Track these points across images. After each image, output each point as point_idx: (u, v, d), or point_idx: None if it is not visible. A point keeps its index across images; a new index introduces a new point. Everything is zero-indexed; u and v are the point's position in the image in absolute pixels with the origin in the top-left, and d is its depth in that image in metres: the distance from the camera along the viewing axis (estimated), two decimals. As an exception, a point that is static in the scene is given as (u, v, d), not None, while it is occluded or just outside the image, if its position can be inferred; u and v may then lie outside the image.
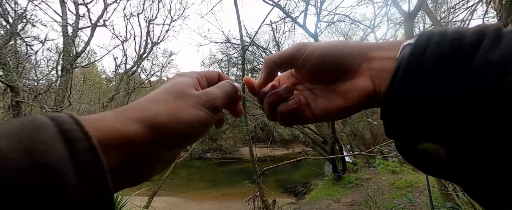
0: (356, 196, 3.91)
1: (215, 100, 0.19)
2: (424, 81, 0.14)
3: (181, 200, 5.09)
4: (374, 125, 5.54)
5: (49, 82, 4.01)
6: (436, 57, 0.14)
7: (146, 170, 0.17)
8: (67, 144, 0.11)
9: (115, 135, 0.13)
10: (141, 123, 0.15)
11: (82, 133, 0.11)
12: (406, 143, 0.17)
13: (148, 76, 6.69)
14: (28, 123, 0.11)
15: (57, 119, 0.11)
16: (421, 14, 4.03)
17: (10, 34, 2.54)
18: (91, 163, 0.11)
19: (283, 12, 4.07)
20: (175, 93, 0.18)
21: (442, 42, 0.14)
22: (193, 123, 0.17)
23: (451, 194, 1.38)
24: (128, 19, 4.76)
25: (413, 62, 0.15)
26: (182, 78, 0.20)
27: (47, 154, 0.10)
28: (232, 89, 0.21)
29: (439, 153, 0.15)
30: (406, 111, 0.15)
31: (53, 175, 0.10)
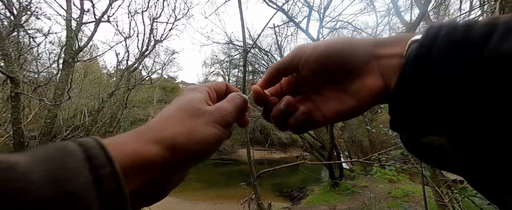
0: (352, 203, 3.88)
1: (227, 117, 0.19)
2: (432, 69, 0.14)
3: (177, 199, 5.04)
4: (373, 133, 5.53)
5: (49, 75, 4.01)
6: (445, 48, 0.14)
7: (162, 190, 0.18)
8: (92, 171, 0.11)
9: (137, 158, 0.14)
10: (160, 145, 0.15)
11: (106, 159, 0.12)
12: (411, 136, 0.17)
13: (149, 73, 6.69)
14: (59, 150, 0.12)
15: (84, 145, 0.12)
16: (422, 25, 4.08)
17: (13, 26, 2.55)
18: (113, 190, 0.12)
19: (286, 16, 4.10)
20: (190, 112, 0.18)
21: (451, 33, 0.14)
22: (209, 141, 0.17)
23: (447, 205, 1.37)
24: (132, 16, 4.79)
25: (422, 54, 0.14)
26: (193, 93, 0.20)
27: (73, 183, 0.11)
28: (242, 103, 0.22)
29: (444, 146, 0.15)
30: (414, 102, 0.15)
31: (77, 203, 0.11)
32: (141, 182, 0.14)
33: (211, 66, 9.38)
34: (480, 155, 0.14)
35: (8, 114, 2.57)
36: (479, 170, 0.14)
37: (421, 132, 0.16)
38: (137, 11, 4.84)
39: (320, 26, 4.45)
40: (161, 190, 0.18)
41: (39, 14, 2.98)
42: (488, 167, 0.14)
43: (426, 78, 0.14)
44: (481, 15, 2.60)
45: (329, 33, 5.58)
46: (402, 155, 1.88)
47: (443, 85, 0.13)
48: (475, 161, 0.14)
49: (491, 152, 0.13)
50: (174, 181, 0.19)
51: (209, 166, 8.80)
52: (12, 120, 2.09)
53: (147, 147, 0.15)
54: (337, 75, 0.19)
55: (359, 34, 5.47)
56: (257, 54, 7.10)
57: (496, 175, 0.13)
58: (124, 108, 5.40)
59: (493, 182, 0.14)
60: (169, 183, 0.18)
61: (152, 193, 0.16)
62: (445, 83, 0.13)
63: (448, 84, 0.13)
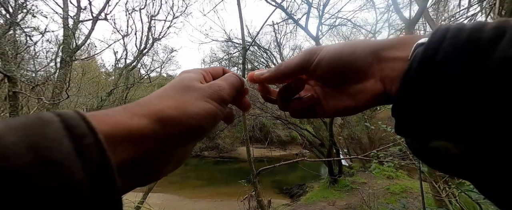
0: (351, 200, 3.92)
1: (221, 92, 0.19)
2: (438, 72, 0.13)
3: (176, 197, 5.06)
4: (372, 130, 5.55)
5: (47, 74, 3.98)
6: (451, 51, 0.13)
7: (157, 169, 0.17)
8: (73, 140, 0.11)
9: (123, 129, 0.13)
10: (149, 117, 0.14)
11: (88, 129, 0.11)
12: (417, 140, 0.17)
13: (148, 72, 6.66)
14: (34, 119, 0.11)
15: (63, 115, 0.11)
16: (421, 21, 4.07)
17: (9, 24, 2.52)
18: (97, 159, 0.11)
19: (285, 13, 4.08)
20: (181, 88, 0.18)
21: (459, 35, 0.14)
22: (201, 115, 0.16)
23: (444, 200, 1.39)
24: (130, 13, 4.74)
25: (428, 57, 0.14)
26: (187, 74, 0.20)
27: (54, 150, 0.10)
28: (237, 81, 0.21)
29: (450, 150, 0.15)
30: (417, 108, 0.14)
31: (60, 172, 0.10)
32: (131, 155, 0.13)
33: (210, 64, 9.35)
34: (491, 160, 0.13)
35: (7, 113, 2.56)
36: (490, 176, 0.14)
37: (427, 137, 0.15)
38: (134, 9, 4.79)
39: (319, 23, 4.43)
40: (156, 167, 0.16)
41: (35, 12, 2.95)
42: (499, 173, 0.13)
43: (432, 81, 0.14)
44: (480, 11, 2.60)
45: (328, 30, 5.56)
46: (400, 152, 1.90)
47: (450, 88, 0.13)
48: (485, 167, 0.14)
49: (503, 156, 0.13)
50: (172, 160, 0.18)
51: (209, 164, 8.84)
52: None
53: (134, 120, 0.14)
54: (342, 79, 0.20)
55: (358, 31, 5.45)
56: (256, 52, 7.07)
57: (508, 181, 0.13)
58: (123, 106, 5.37)
59: (505, 187, 0.13)
60: (164, 160, 0.17)
61: (145, 170, 0.15)
62: (451, 86, 0.13)
63: (454, 87, 0.13)
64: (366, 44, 0.19)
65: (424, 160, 0.17)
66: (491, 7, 1.98)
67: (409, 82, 0.15)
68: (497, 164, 0.13)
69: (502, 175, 0.13)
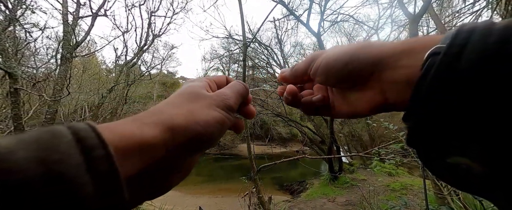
0: (351, 196, 3.95)
1: (228, 101, 0.19)
2: (459, 84, 0.12)
3: (178, 193, 5.12)
4: (372, 127, 5.55)
5: (48, 71, 3.98)
6: (476, 58, 0.12)
7: (165, 179, 0.17)
8: (83, 152, 0.11)
9: (133, 140, 0.13)
10: (159, 126, 0.14)
11: (98, 141, 0.11)
12: (434, 155, 0.15)
13: (148, 68, 6.65)
14: (46, 132, 0.11)
15: (74, 127, 0.12)
16: (425, 17, 4.01)
17: (9, 20, 2.50)
18: (106, 171, 0.11)
19: (286, 9, 4.02)
20: (189, 96, 0.18)
21: (486, 40, 0.12)
22: (210, 122, 0.16)
23: (446, 197, 1.39)
24: (130, 9, 4.69)
25: (446, 65, 0.13)
26: (192, 83, 0.20)
27: (63, 163, 0.10)
28: (243, 89, 0.22)
29: (472, 167, 0.13)
30: (435, 122, 0.13)
31: (68, 185, 0.10)
32: (139, 167, 0.13)
33: (210, 61, 9.31)
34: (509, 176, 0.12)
35: (9, 109, 2.57)
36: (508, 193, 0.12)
37: (442, 148, 0.14)
38: (134, 5, 4.74)
39: (321, 20, 4.37)
40: (164, 178, 0.17)
41: (34, 8, 2.92)
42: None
43: (452, 85, 0.12)
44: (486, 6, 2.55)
45: (330, 27, 5.50)
46: (402, 149, 1.89)
47: (471, 91, 0.12)
48: (503, 184, 0.12)
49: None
50: (179, 170, 0.18)
51: (210, 161, 8.91)
52: (13, 115, 2.09)
53: (144, 129, 0.14)
54: (339, 84, 0.20)
55: (360, 27, 5.38)
56: (257, 48, 7.02)
57: None
58: (124, 103, 5.38)
59: None
60: (172, 170, 0.17)
61: (153, 181, 0.16)
62: (472, 89, 0.12)
63: (476, 90, 0.12)
64: (367, 52, 0.17)
65: (442, 177, 0.16)
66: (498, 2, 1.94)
67: (423, 88, 0.13)
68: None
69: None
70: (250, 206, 2.59)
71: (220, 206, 4.32)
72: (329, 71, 0.19)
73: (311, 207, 3.69)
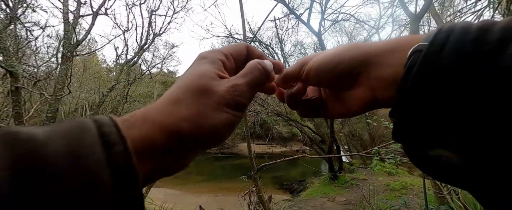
0: (351, 196, 3.96)
1: (239, 98, 0.17)
2: (439, 80, 0.13)
3: (178, 192, 5.14)
4: (373, 126, 5.55)
5: (49, 69, 3.99)
6: (454, 56, 0.13)
7: (169, 173, 0.17)
8: (105, 148, 0.12)
9: (143, 144, 0.14)
10: (167, 133, 0.15)
11: (119, 137, 0.12)
12: (415, 148, 0.16)
13: (148, 67, 6.65)
14: (75, 126, 0.12)
15: (99, 121, 0.13)
16: (427, 16, 3.99)
17: (10, 19, 2.50)
18: (124, 168, 0.12)
19: (287, 8, 4.01)
20: (198, 92, 0.16)
21: (463, 39, 0.13)
22: (217, 127, 0.16)
23: (445, 197, 1.39)
24: (130, 8, 4.68)
25: (428, 62, 0.13)
26: (204, 66, 0.18)
27: (88, 159, 0.11)
28: (262, 75, 0.19)
29: (452, 159, 0.14)
30: (416, 116, 0.14)
31: (91, 179, 0.11)
32: (149, 165, 0.14)
33: (211, 60, 9.26)
34: (489, 169, 0.12)
35: (10, 108, 2.58)
36: (488, 186, 0.13)
37: (424, 140, 0.15)
38: (134, 4, 4.74)
39: (321, 19, 4.36)
40: (169, 171, 0.17)
41: (35, 7, 2.92)
42: (497, 181, 0.12)
43: (433, 79, 0.13)
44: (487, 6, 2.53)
45: (330, 26, 5.48)
46: (402, 149, 1.89)
47: (450, 85, 0.13)
48: (484, 176, 0.13)
49: (501, 164, 0.12)
50: (184, 163, 0.18)
51: (210, 160, 8.92)
52: (14, 114, 2.09)
53: (154, 133, 0.14)
54: (330, 86, 0.21)
55: (361, 26, 5.37)
56: (257, 47, 6.99)
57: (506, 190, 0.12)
58: (125, 102, 5.39)
59: (504, 197, 0.12)
60: (177, 166, 0.17)
61: (160, 173, 0.16)
62: (452, 82, 0.12)
63: (455, 83, 0.12)
64: (354, 53, 0.18)
65: (422, 168, 0.16)
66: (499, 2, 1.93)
67: (407, 85, 0.14)
68: (499, 177, 0.12)
69: (502, 183, 0.12)
70: (250, 205, 2.59)
71: (220, 205, 4.33)
72: (320, 73, 0.20)
73: (311, 206, 3.70)
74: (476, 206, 1.31)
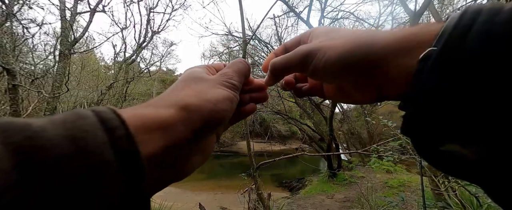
0: (350, 193, 3.99)
1: (231, 80, 0.20)
2: (461, 69, 0.12)
3: (178, 190, 5.16)
4: (371, 125, 5.57)
5: (46, 67, 3.95)
6: (481, 39, 0.11)
7: (187, 162, 0.18)
8: (107, 132, 0.11)
9: (152, 121, 0.14)
10: (173, 106, 0.15)
11: (120, 122, 0.12)
12: (426, 143, 0.15)
13: (147, 65, 6.61)
14: (71, 114, 0.12)
15: (97, 110, 0.12)
16: (426, 14, 3.98)
17: (6, 15, 2.47)
18: (128, 150, 0.12)
19: (287, 6, 3.99)
20: (193, 80, 0.19)
21: (492, 19, 0.11)
22: (219, 99, 0.17)
23: (443, 194, 1.41)
24: (128, 5, 4.64)
25: (449, 49, 0.12)
26: (192, 69, 0.21)
27: (90, 141, 0.11)
28: (244, 66, 0.22)
29: (465, 154, 0.13)
30: (432, 108, 0.13)
31: (96, 162, 0.11)
32: (162, 144, 0.14)
33: (210, 58, 9.27)
34: (503, 165, 0.12)
35: (7, 106, 2.56)
36: (501, 181, 0.12)
37: (437, 136, 0.14)
38: (133, 1, 4.68)
39: (321, 17, 4.34)
40: (186, 161, 0.18)
41: (31, 3, 2.88)
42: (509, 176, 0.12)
43: (452, 79, 0.12)
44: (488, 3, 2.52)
45: (330, 24, 5.46)
46: (400, 146, 1.90)
47: (472, 91, 0.11)
48: (500, 172, 0.12)
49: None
50: (197, 151, 0.19)
51: (209, 158, 8.88)
52: (12, 112, 2.08)
53: (160, 110, 0.15)
54: (343, 81, 0.20)
55: (361, 24, 5.36)
56: (256, 45, 6.97)
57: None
58: (123, 100, 5.37)
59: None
60: (191, 151, 0.18)
61: (175, 163, 0.17)
62: (475, 88, 0.11)
63: (478, 90, 0.11)
64: (369, 48, 0.17)
65: (431, 162, 0.16)
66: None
67: (424, 75, 0.13)
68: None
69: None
70: (249, 203, 2.61)
71: (219, 203, 4.36)
72: (339, 70, 0.18)
73: (310, 203, 3.73)
74: (472, 203, 1.32)
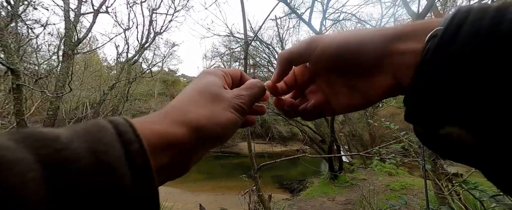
0: (351, 196, 3.96)
1: (243, 105, 0.20)
2: (453, 65, 0.13)
3: (178, 190, 5.16)
4: (373, 126, 5.54)
5: (50, 67, 3.99)
6: (470, 38, 0.12)
7: (184, 168, 0.19)
8: (123, 146, 0.12)
9: (164, 138, 0.15)
10: (186, 126, 0.17)
11: (135, 136, 0.13)
12: (427, 127, 0.16)
13: (149, 66, 6.65)
14: (93, 125, 0.13)
15: (114, 122, 0.13)
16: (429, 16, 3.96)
17: (11, 16, 2.51)
18: (141, 164, 0.13)
19: (288, 7, 3.99)
20: (210, 96, 0.19)
21: (480, 19, 0.12)
22: (227, 125, 0.18)
23: (446, 197, 1.39)
24: (131, 6, 4.68)
25: (443, 46, 0.13)
26: (211, 77, 0.21)
27: (109, 155, 0.12)
28: (260, 92, 0.22)
29: (462, 137, 0.14)
30: (431, 94, 0.14)
31: (113, 173, 0.11)
32: (167, 160, 0.15)
33: (211, 59, 9.30)
34: (500, 145, 0.13)
35: (11, 105, 2.59)
36: (498, 162, 0.13)
37: (436, 121, 0.15)
38: (135, 2, 4.73)
39: (323, 18, 4.34)
40: (183, 168, 0.19)
41: (36, 4, 2.92)
42: (507, 158, 0.13)
43: (447, 69, 0.13)
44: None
45: (332, 25, 5.46)
46: (402, 149, 1.89)
47: (464, 77, 0.12)
48: (494, 152, 0.13)
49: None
50: (194, 160, 0.20)
51: (210, 159, 8.94)
52: (15, 111, 2.10)
53: (174, 128, 0.16)
54: (348, 72, 0.20)
55: (363, 26, 5.35)
56: (258, 47, 6.99)
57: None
58: (125, 100, 5.40)
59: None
60: (191, 160, 0.19)
61: (175, 170, 0.18)
62: (466, 76, 0.12)
63: (469, 77, 0.12)
64: (374, 36, 0.18)
65: (432, 147, 0.17)
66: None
67: (424, 66, 0.14)
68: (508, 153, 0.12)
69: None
70: (250, 204, 2.60)
71: (220, 204, 4.34)
72: (343, 52, 0.19)
73: (310, 205, 3.70)
74: (477, 207, 1.30)
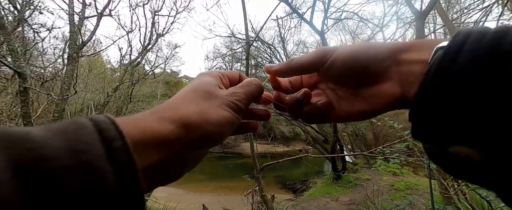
0: (355, 196, 3.92)
1: (239, 102, 0.19)
2: (455, 82, 0.13)
3: (181, 191, 5.18)
4: (377, 126, 5.48)
5: (55, 70, 4.07)
6: (470, 58, 0.13)
7: (178, 170, 0.18)
8: (104, 143, 0.12)
9: (152, 134, 0.14)
10: (175, 122, 0.16)
11: (117, 133, 0.12)
12: (435, 145, 0.16)
13: (152, 68, 6.71)
14: (71, 123, 0.12)
15: (95, 120, 0.13)
16: (432, 14, 3.91)
17: (18, 20, 2.56)
18: (124, 161, 0.12)
19: (289, 7, 3.99)
20: (203, 93, 0.19)
21: (480, 40, 0.13)
22: (221, 122, 0.18)
23: (452, 197, 1.37)
24: (134, 9, 4.74)
25: (446, 63, 0.14)
26: (206, 77, 0.20)
27: (89, 154, 0.11)
28: (256, 89, 0.22)
29: (471, 156, 0.14)
30: (436, 113, 0.14)
31: (93, 173, 0.11)
32: (156, 159, 0.14)
33: (213, 60, 9.34)
34: (508, 166, 0.13)
35: (18, 108, 2.64)
36: (508, 183, 0.13)
37: (445, 141, 0.15)
38: (138, 4, 4.78)
39: (324, 17, 4.32)
40: (177, 170, 0.18)
41: (42, 9, 2.98)
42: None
43: (450, 88, 0.13)
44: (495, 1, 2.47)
45: (333, 25, 5.43)
46: (406, 148, 1.86)
47: (469, 88, 0.13)
48: (504, 173, 0.13)
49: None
50: (190, 162, 0.19)
51: (212, 159, 8.96)
52: (22, 114, 2.14)
53: (161, 124, 0.15)
54: (357, 81, 0.20)
55: (365, 25, 5.30)
56: (260, 47, 7.00)
57: None
58: (129, 102, 5.46)
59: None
60: (184, 163, 0.18)
61: (167, 172, 0.17)
62: (470, 85, 0.13)
63: (474, 87, 0.13)
64: (383, 47, 0.18)
65: (442, 166, 0.16)
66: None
67: (428, 84, 0.14)
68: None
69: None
70: (253, 204, 2.60)
71: (223, 204, 4.35)
72: (352, 62, 0.19)
73: (314, 206, 3.68)
74: (484, 207, 1.28)
